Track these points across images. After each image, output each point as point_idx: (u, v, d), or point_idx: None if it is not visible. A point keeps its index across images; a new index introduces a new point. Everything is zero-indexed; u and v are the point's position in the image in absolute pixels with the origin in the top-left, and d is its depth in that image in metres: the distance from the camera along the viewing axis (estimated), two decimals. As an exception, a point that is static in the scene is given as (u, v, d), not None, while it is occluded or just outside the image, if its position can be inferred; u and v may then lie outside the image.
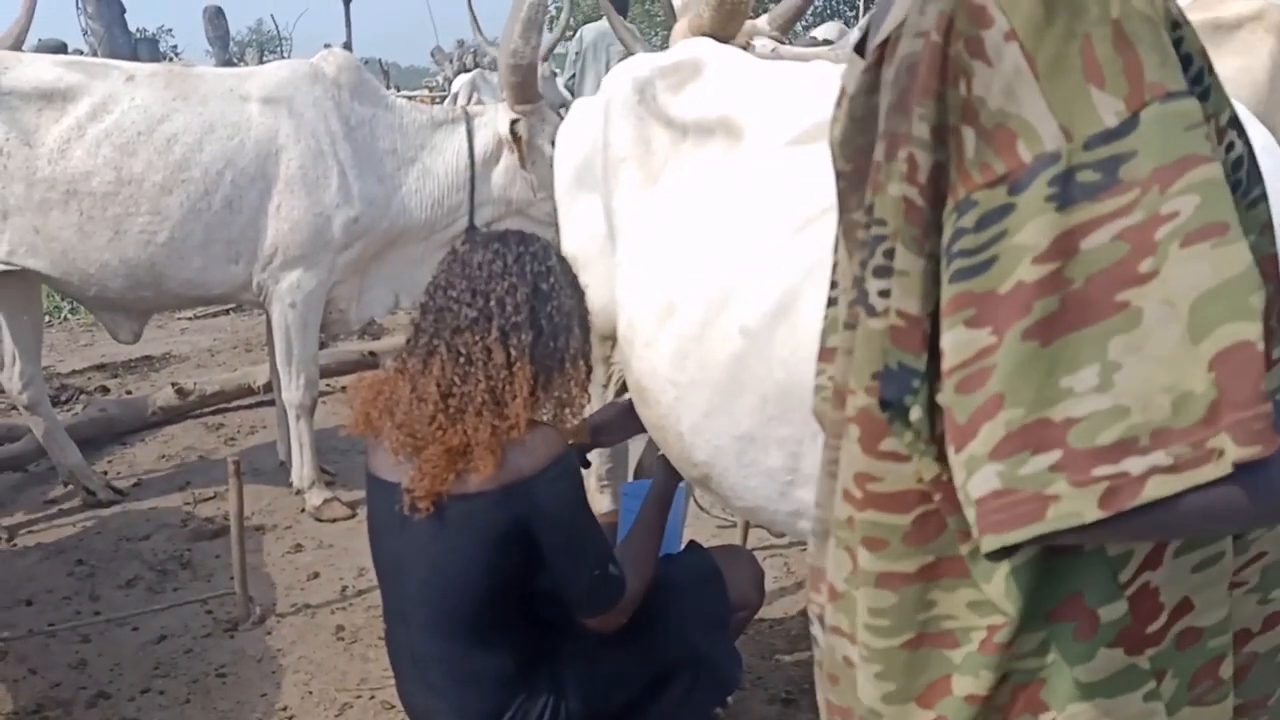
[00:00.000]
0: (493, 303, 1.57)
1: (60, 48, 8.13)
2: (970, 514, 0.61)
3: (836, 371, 0.81)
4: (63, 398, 4.63)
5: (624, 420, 1.94)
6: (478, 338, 1.56)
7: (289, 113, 3.25)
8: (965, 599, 0.73)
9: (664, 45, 3.78)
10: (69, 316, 6.36)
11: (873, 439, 0.73)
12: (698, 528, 3.02)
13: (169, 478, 3.83)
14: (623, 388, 2.14)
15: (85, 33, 10.68)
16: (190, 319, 6.22)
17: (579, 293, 1.69)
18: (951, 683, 0.73)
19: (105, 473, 3.81)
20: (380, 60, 14.69)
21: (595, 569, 1.61)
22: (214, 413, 4.48)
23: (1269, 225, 0.72)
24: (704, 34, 2.15)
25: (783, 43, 2.88)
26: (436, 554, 1.59)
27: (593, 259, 1.96)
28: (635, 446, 2.64)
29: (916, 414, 0.68)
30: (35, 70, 3.17)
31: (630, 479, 2.57)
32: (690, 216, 1.64)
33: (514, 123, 3.30)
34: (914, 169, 0.65)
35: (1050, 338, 0.59)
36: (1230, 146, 0.69)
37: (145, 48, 11.76)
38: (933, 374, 0.67)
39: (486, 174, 3.43)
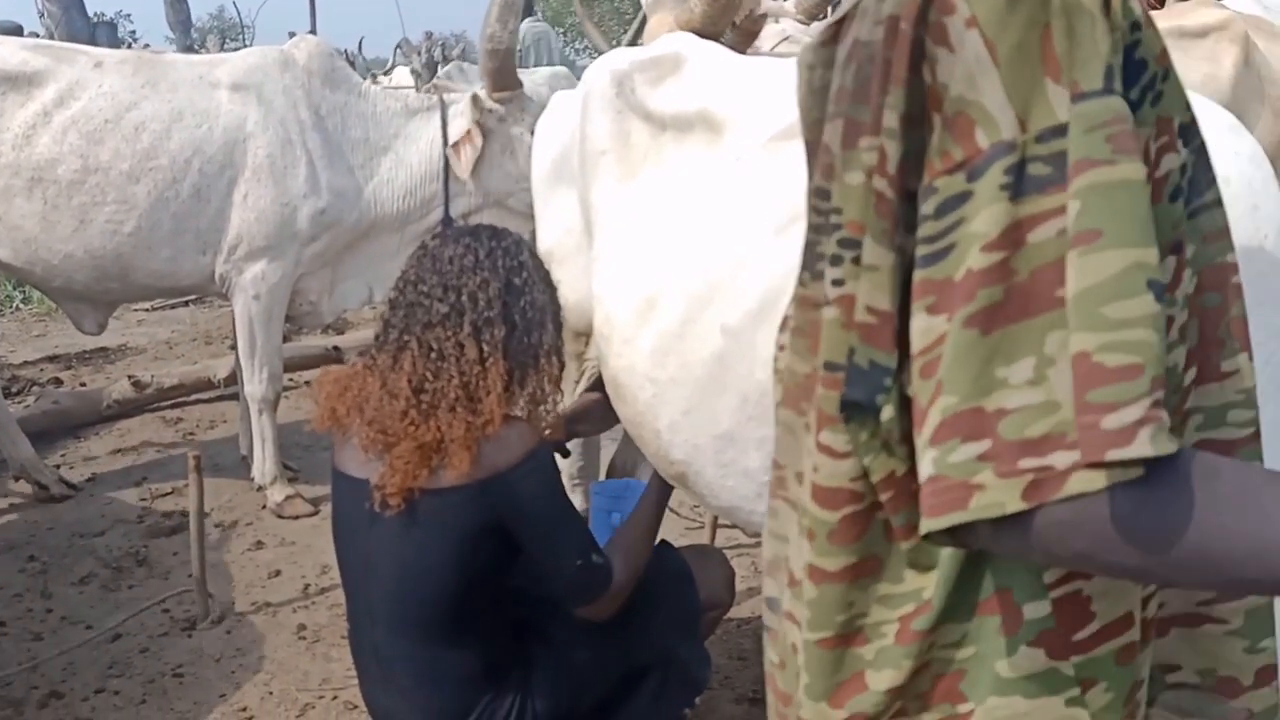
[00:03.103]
0: (464, 298, 1.56)
1: (15, 30, 7.94)
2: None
3: (786, 342, 0.81)
4: (14, 389, 4.52)
5: (602, 410, 1.93)
6: (450, 333, 1.55)
7: (258, 100, 3.19)
8: (876, 594, 0.73)
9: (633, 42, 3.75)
10: (21, 306, 6.21)
11: (819, 428, 0.73)
12: (666, 527, 3.00)
13: (125, 472, 3.74)
14: (595, 383, 2.12)
15: (41, 15, 10.43)
16: (148, 310, 6.09)
17: (551, 288, 1.69)
18: (865, 678, 0.73)
19: (58, 467, 3.72)
20: (346, 51, 14.53)
21: (577, 559, 1.60)
22: (172, 406, 4.40)
23: (1219, 233, 0.71)
24: (693, 29, 2.12)
25: (805, 23, 2.85)
26: (407, 551, 1.56)
27: (569, 253, 1.94)
28: (608, 446, 2.62)
29: (888, 414, 0.67)
30: (0, 53, 3.09)
31: (602, 478, 2.55)
32: (671, 212, 1.62)
33: (478, 116, 3.26)
34: (883, 160, 0.65)
35: (991, 327, 0.59)
36: (1176, 149, 0.69)
37: (104, 32, 11.52)
38: (903, 370, 0.66)
39: None
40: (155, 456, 3.90)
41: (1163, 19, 2.44)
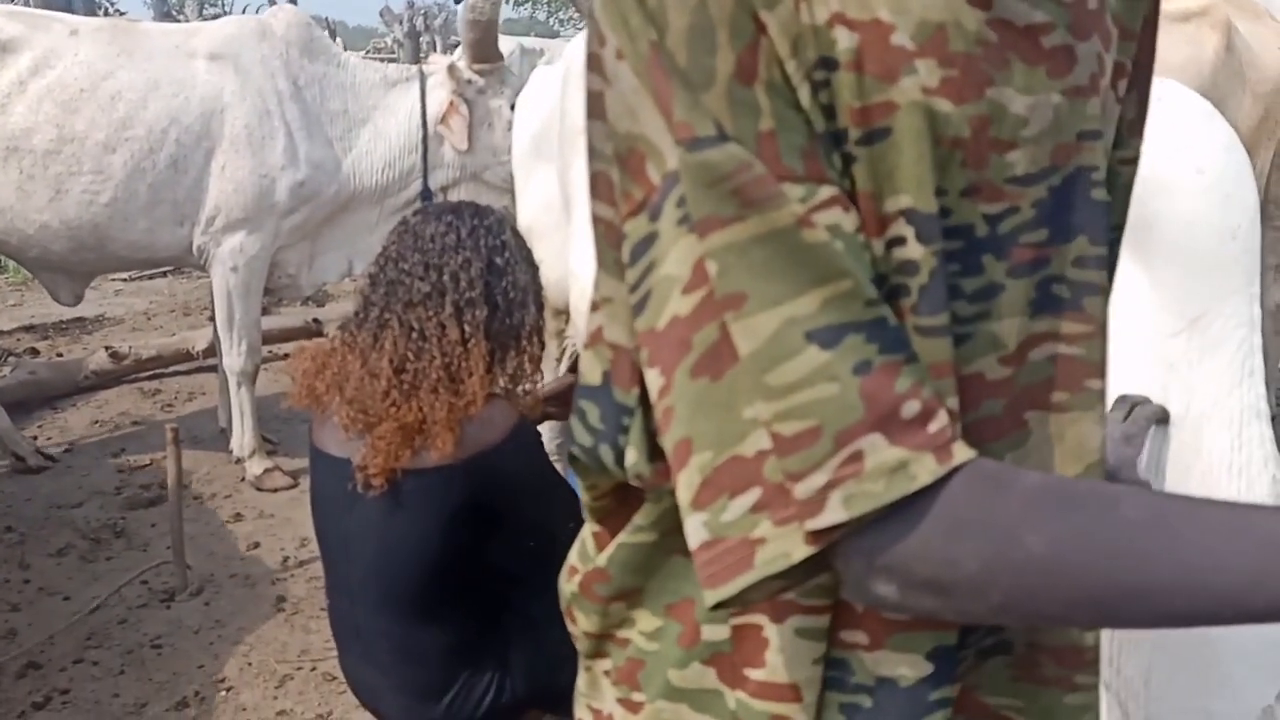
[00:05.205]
0: (446, 277, 1.55)
1: (-12, -7, 7.78)
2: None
3: None
4: (-10, 359, 4.49)
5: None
6: (431, 313, 1.54)
7: (235, 70, 3.16)
8: (583, 541, 0.73)
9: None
10: (-4, 275, 6.15)
11: None
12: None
13: (103, 444, 3.73)
14: (575, 363, 2.13)
15: (15, -22, 10.22)
16: (126, 280, 6.04)
17: (533, 268, 1.68)
18: (574, 612, 0.73)
19: (35, 438, 3.70)
20: (327, 19, 14.31)
21: (570, 522, 1.62)
22: (150, 378, 4.37)
23: (940, 367, 0.58)
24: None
25: None
26: (389, 531, 1.56)
27: (548, 230, 1.94)
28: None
29: (632, 456, 0.61)
30: None
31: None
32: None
33: (456, 87, 3.24)
34: (609, 188, 0.59)
35: (720, 370, 0.53)
36: (898, 242, 0.56)
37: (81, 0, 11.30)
38: (647, 404, 0.60)
39: (441, 136, 3.36)
40: (133, 428, 3.88)
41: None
